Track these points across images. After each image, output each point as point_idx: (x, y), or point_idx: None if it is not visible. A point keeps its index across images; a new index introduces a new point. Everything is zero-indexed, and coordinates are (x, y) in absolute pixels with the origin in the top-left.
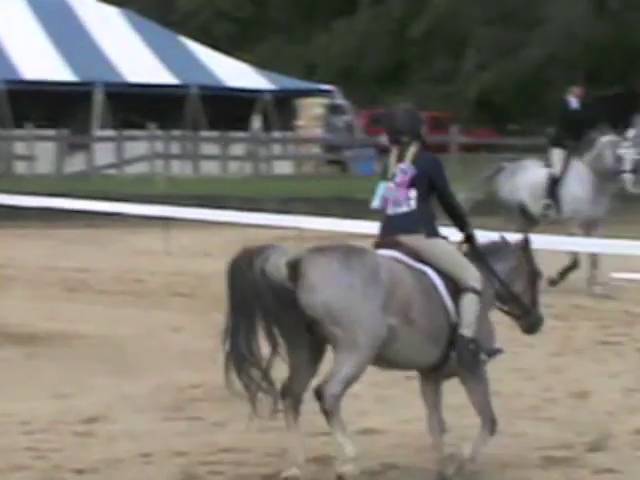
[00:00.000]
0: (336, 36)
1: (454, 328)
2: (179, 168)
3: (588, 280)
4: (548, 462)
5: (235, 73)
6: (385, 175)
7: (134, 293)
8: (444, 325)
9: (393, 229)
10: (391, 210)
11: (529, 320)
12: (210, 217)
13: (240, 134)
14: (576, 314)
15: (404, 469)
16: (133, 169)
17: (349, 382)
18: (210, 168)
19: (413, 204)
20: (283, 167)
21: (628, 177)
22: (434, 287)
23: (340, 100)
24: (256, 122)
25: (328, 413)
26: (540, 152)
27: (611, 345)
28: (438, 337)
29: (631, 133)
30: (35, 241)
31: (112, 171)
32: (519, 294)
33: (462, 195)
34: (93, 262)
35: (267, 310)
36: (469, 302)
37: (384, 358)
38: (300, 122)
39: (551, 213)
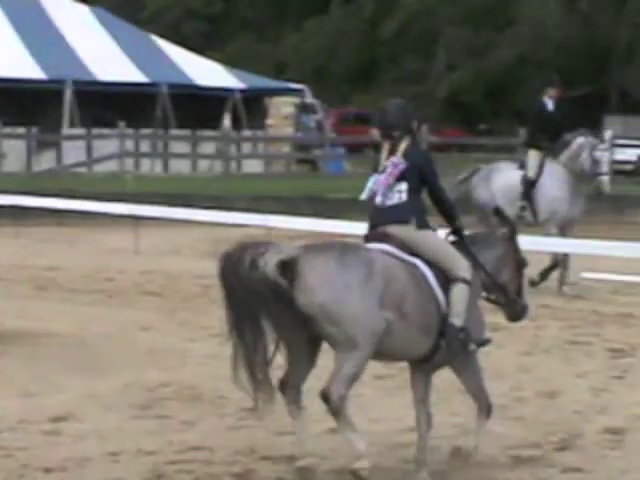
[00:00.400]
0: (307, 35)
1: (444, 319)
2: (149, 166)
3: (559, 280)
4: (516, 461)
5: (205, 72)
6: (377, 169)
7: (104, 292)
8: (435, 316)
9: (383, 220)
10: (380, 201)
11: (514, 309)
12: (180, 216)
13: (210, 133)
14: (545, 314)
15: (373, 468)
16: (103, 167)
17: (352, 381)
18: (180, 167)
19: (404, 197)
20: (253, 166)
21: (605, 179)
22: (425, 279)
23: (310, 99)
24: (226, 121)
25: (335, 414)
26: (511, 152)
27: (580, 345)
28: (429, 328)
29: (608, 135)
30: (4, 239)
31: (81, 169)
32: (505, 283)
33: None
34: (63, 260)
35: (260, 304)
36: (459, 292)
37: (378, 351)
38: (270, 121)
39: (526, 215)
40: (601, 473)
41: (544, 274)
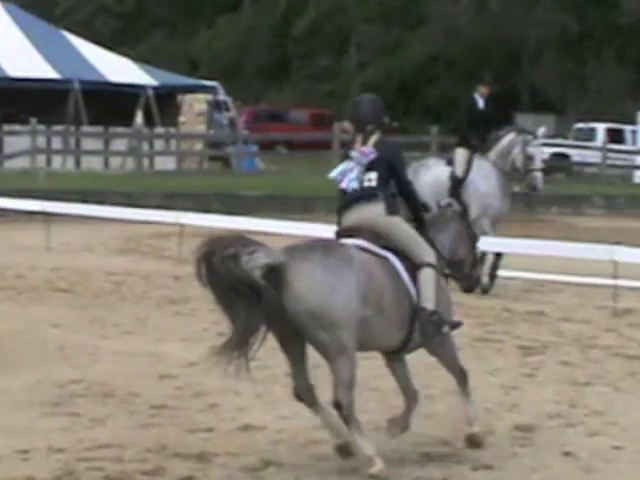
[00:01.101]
0: (219, 32)
1: (416, 310)
2: (60, 163)
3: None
4: (427, 459)
5: (118, 68)
6: (348, 156)
7: (14, 288)
8: (408, 309)
9: (354, 199)
10: (348, 185)
11: (469, 281)
12: (92, 213)
13: (122, 130)
14: (457, 311)
15: (283, 465)
16: (14, 164)
17: (353, 383)
18: (92, 163)
19: (374, 183)
20: (166, 163)
21: (539, 175)
22: (397, 273)
23: (223, 96)
24: (139, 118)
25: (347, 419)
26: (423, 150)
27: (491, 342)
28: (403, 321)
29: (541, 131)
30: None
31: None
32: (462, 259)
33: None
34: None
35: (238, 298)
36: (426, 276)
37: None
38: (183, 118)
39: None
40: (511, 470)
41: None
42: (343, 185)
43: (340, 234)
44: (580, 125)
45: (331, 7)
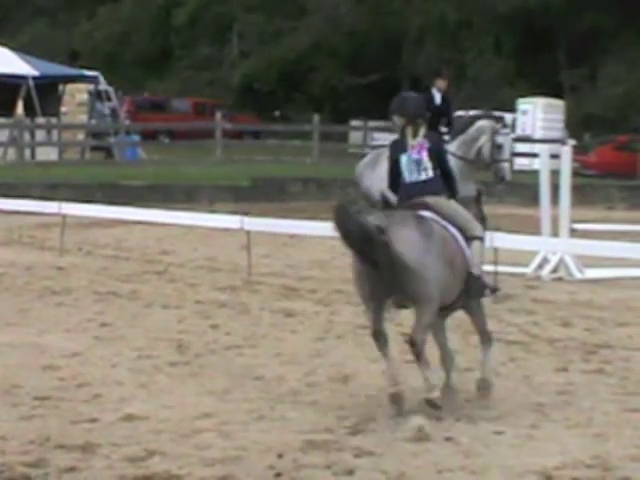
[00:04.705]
0: (99, 22)
1: (468, 270)
2: None
3: None
4: (309, 446)
5: None
6: (404, 149)
7: None
8: (465, 268)
9: (419, 192)
10: (412, 178)
11: None
12: None
13: (3, 120)
14: (339, 299)
15: (167, 454)
16: None
17: (429, 328)
18: None
19: (430, 173)
20: (47, 153)
21: (507, 165)
22: (457, 240)
23: (105, 86)
24: (19, 108)
25: (418, 355)
26: (304, 139)
27: None
28: (462, 278)
29: (509, 118)
30: None
31: None
32: None
33: None
34: None
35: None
36: (476, 247)
37: None
38: (65, 108)
39: None
40: (393, 456)
41: None
42: (410, 179)
43: (409, 207)
44: (460, 113)
45: None
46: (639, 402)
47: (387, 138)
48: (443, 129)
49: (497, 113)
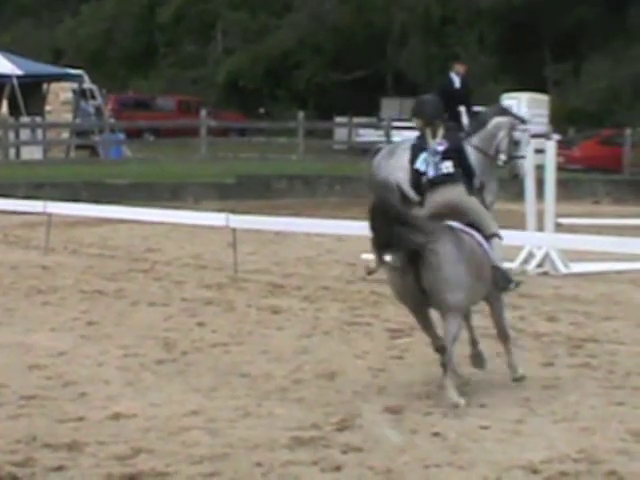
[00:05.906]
0: (83, 20)
1: (493, 269)
2: None
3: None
4: (296, 442)
5: None
6: (424, 149)
7: None
8: (489, 270)
9: (443, 183)
10: (433, 173)
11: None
12: None
13: None
14: (325, 295)
15: (154, 452)
16: None
17: (458, 336)
18: None
19: (451, 170)
20: (32, 153)
21: (522, 161)
22: (481, 244)
23: (89, 85)
24: (4, 107)
25: (446, 363)
26: (289, 136)
27: (359, 326)
28: (487, 282)
29: (523, 111)
30: None
31: None
32: None
33: None
34: None
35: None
36: (496, 244)
37: None
38: (49, 107)
39: None
40: (380, 452)
41: None
42: (428, 173)
43: (434, 216)
44: (478, 108)
45: None
46: (625, 396)
47: (372, 134)
48: (461, 109)
49: (479, 108)
